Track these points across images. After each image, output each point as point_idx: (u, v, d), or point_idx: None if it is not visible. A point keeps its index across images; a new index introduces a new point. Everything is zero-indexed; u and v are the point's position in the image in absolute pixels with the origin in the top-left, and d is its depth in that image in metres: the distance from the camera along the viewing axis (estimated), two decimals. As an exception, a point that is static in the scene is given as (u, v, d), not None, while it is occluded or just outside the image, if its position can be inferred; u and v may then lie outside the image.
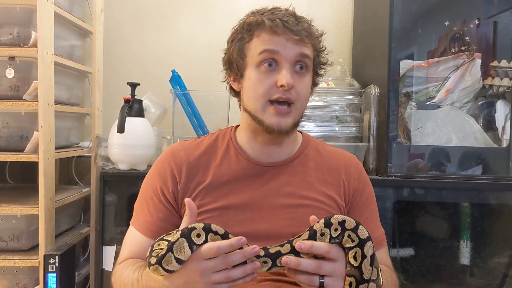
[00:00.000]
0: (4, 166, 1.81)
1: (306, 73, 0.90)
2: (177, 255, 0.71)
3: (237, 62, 0.91)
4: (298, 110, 0.90)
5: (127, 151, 1.46)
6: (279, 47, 0.85)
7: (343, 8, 1.91)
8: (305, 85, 0.90)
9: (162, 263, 0.71)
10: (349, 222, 0.74)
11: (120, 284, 0.86)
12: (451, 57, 1.63)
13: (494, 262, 1.61)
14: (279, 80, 0.85)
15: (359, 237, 0.73)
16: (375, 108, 1.49)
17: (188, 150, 0.96)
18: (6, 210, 1.38)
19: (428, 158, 1.51)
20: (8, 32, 1.42)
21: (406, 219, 1.62)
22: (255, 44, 0.88)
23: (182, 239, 0.71)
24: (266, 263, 0.74)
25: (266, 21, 0.86)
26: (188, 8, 1.91)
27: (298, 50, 0.86)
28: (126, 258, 0.91)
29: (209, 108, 1.60)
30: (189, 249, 0.71)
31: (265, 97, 0.87)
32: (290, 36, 0.85)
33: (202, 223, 0.73)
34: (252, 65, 0.88)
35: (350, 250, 0.74)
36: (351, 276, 0.73)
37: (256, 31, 0.88)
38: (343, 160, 1.00)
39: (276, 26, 0.85)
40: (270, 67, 0.86)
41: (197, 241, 0.71)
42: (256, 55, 0.87)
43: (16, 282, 1.43)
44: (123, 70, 1.90)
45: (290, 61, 0.86)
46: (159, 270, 0.72)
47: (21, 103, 1.41)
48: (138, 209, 0.95)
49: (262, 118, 0.88)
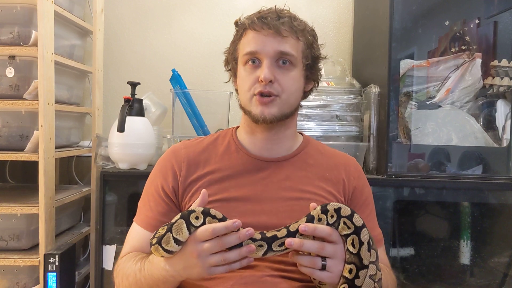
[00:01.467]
0: (4, 165, 1.81)
1: (291, 67, 0.93)
2: (176, 236, 0.74)
3: (232, 63, 0.99)
4: (285, 101, 0.93)
5: (127, 151, 1.46)
6: (258, 46, 0.91)
7: (343, 7, 1.91)
8: (290, 78, 0.93)
9: (161, 243, 0.75)
10: (344, 210, 0.77)
11: (122, 276, 0.87)
12: (452, 57, 1.63)
13: (494, 262, 1.61)
14: (259, 75, 0.90)
15: (354, 224, 0.76)
16: (375, 108, 1.49)
17: (189, 148, 0.99)
18: (6, 210, 1.38)
19: (429, 157, 1.51)
20: (9, 31, 1.42)
21: (406, 218, 1.61)
22: (242, 45, 0.95)
23: (181, 220, 0.74)
24: (261, 247, 0.75)
25: (246, 21, 0.93)
26: (189, 8, 1.91)
27: (277, 47, 0.90)
28: (128, 252, 0.93)
29: (209, 107, 1.60)
30: (187, 230, 0.74)
31: (250, 92, 0.92)
32: (268, 32, 0.90)
33: (202, 207, 0.76)
34: (240, 64, 0.95)
35: (348, 237, 0.76)
36: (351, 263, 0.75)
37: (243, 32, 0.95)
38: (343, 160, 1.03)
39: (254, 23, 0.91)
40: (253, 64, 0.92)
41: (195, 223, 0.74)
42: (242, 56, 0.94)
43: (16, 282, 1.43)
44: (123, 69, 1.90)
45: (269, 56, 0.91)
46: (159, 250, 0.75)
47: (22, 103, 1.41)
48: (141, 207, 0.97)
49: (249, 109, 0.93)
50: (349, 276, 0.75)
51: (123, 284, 0.87)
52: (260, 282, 0.83)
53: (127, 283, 0.86)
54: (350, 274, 0.75)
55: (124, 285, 0.87)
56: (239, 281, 0.83)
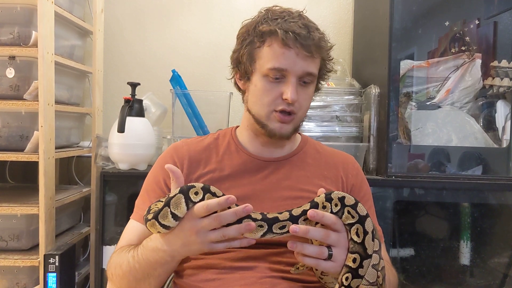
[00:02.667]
0: (4, 165, 1.81)
1: (310, 84, 0.93)
2: (173, 210, 0.73)
3: (246, 66, 0.93)
4: (299, 118, 0.94)
5: (127, 151, 1.46)
6: (289, 64, 0.87)
7: (343, 8, 1.91)
8: (307, 96, 0.93)
9: (158, 217, 0.73)
10: (348, 199, 0.76)
11: (116, 266, 0.86)
12: (451, 57, 1.63)
13: (494, 262, 1.61)
14: (284, 93, 0.88)
15: (358, 213, 0.76)
16: (375, 108, 1.49)
17: (190, 146, 0.99)
18: (6, 210, 1.38)
19: (428, 158, 1.51)
20: (9, 31, 1.42)
21: (406, 219, 1.61)
22: (266, 53, 0.89)
23: (180, 195, 0.73)
24: (261, 227, 0.74)
25: (279, 32, 0.86)
26: (189, 8, 1.91)
27: (306, 67, 0.88)
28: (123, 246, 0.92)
29: (209, 108, 1.60)
30: (185, 205, 0.73)
31: (270, 107, 0.90)
32: (300, 50, 0.87)
33: (202, 183, 0.75)
34: (259, 73, 0.90)
35: (352, 226, 0.76)
36: (355, 253, 0.75)
37: (268, 39, 0.89)
38: (341, 158, 1.04)
39: (288, 38, 0.86)
40: (277, 80, 0.89)
41: (194, 198, 0.73)
42: (266, 68, 0.88)
43: (16, 282, 1.43)
44: (123, 70, 1.90)
45: (296, 76, 0.89)
46: (155, 225, 0.74)
47: (22, 103, 1.41)
48: (139, 204, 0.96)
49: (266, 123, 0.92)
50: (353, 265, 0.74)
51: (116, 274, 0.85)
52: (260, 283, 0.83)
53: (120, 272, 0.84)
54: (354, 264, 0.74)
55: (118, 274, 0.85)
56: (239, 282, 0.83)
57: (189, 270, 0.88)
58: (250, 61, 0.92)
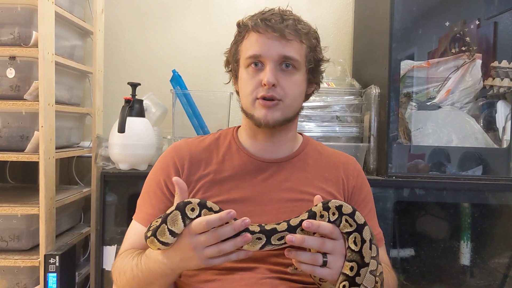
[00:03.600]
0: (4, 166, 1.81)
1: (294, 71, 0.92)
2: (171, 227, 0.73)
3: (233, 64, 0.98)
4: (288, 106, 0.93)
5: (127, 151, 1.46)
6: (262, 49, 0.89)
7: (343, 8, 1.91)
8: (292, 83, 0.92)
9: (156, 234, 0.73)
10: (345, 208, 0.76)
11: (120, 272, 0.87)
12: (452, 58, 1.63)
13: (494, 263, 1.61)
14: (262, 79, 0.89)
15: (356, 222, 0.76)
16: (375, 109, 1.49)
17: (190, 146, 0.99)
18: (6, 210, 1.38)
19: (429, 158, 1.52)
20: (9, 32, 1.42)
21: (406, 219, 1.61)
22: (244, 46, 0.93)
23: (176, 211, 0.73)
24: (260, 239, 0.75)
25: (249, 22, 0.92)
26: (189, 8, 1.91)
27: (281, 51, 0.89)
28: (127, 249, 0.93)
29: (209, 108, 1.60)
30: (182, 222, 0.73)
31: (252, 95, 0.91)
32: (271, 34, 0.89)
33: (198, 199, 0.75)
34: (242, 66, 0.94)
35: (350, 235, 0.76)
36: (352, 261, 0.75)
37: (245, 33, 0.93)
38: (342, 159, 1.03)
39: (258, 25, 0.90)
40: (256, 67, 0.91)
41: (191, 215, 0.73)
42: (245, 59, 0.92)
43: (17, 282, 1.43)
44: (123, 70, 1.90)
45: (273, 60, 0.90)
46: (155, 242, 0.74)
47: (22, 103, 1.41)
48: (141, 204, 0.97)
49: (252, 113, 0.92)
50: (350, 273, 0.75)
51: (121, 280, 0.87)
52: (260, 284, 0.83)
53: (124, 278, 0.85)
54: (351, 272, 0.75)
55: (122, 281, 0.86)
56: (239, 283, 0.83)
57: (189, 271, 0.88)
58: (235, 59, 0.96)
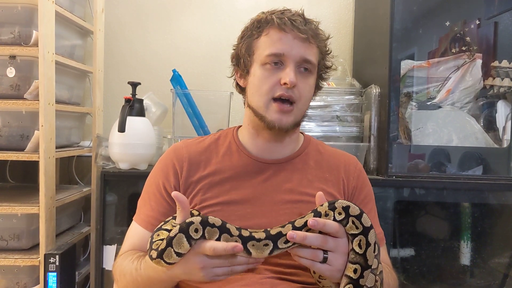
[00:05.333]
0: (4, 165, 1.81)
1: (310, 75, 0.92)
2: (177, 250, 0.73)
3: (245, 59, 0.94)
4: (300, 109, 0.92)
5: (127, 151, 1.46)
6: (286, 48, 0.88)
7: (343, 8, 1.91)
8: (308, 86, 0.92)
9: (163, 257, 0.74)
10: (353, 209, 0.76)
11: (120, 274, 0.88)
12: (452, 58, 1.63)
13: (494, 263, 1.61)
14: (282, 77, 0.88)
15: (363, 224, 0.75)
16: (375, 108, 1.49)
17: (190, 147, 0.98)
18: (6, 209, 1.38)
19: (429, 158, 1.51)
20: (9, 31, 1.42)
21: (406, 219, 1.61)
22: (263, 42, 0.90)
23: (180, 234, 0.73)
24: (267, 246, 0.75)
25: (275, 19, 0.89)
26: (189, 8, 1.91)
27: (303, 53, 0.88)
28: (127, 250, 0.93)
29: (209, 107, 1.60)
30: (187, 243, 0.73)
31: (269, 95, 0.89)
32: (296, 34, 0.88)
33: (200, 217, 0.75)
34: (258, 62, 0.91)
35: (355, 237, 0.75)
36: (356, 263, 0.75)
37: (265, 28, 0.90)
38: (343, 159, 1.02)
39: (284, 23, 0.88)
40: (275, 66, 0.89)
41: (195, 236, 0.73)
42: (264, 56, 0.89)
43: (17, 281, 1.43)
44: (123, 69, 1.90)
45: (294, 60, 0.88)
46: (161, 263, 0.75)
47: (22, 102, 1.41)
48: (141, 205, 0.97)
49: (264, 114, 0.90)
50: (354, 276, 0.74)
51: (121, 281, 0.88)
52: (260, 284, 0.83)
53: (124, 281, 0.86)
54: (355, 274, 0.74)
55: (122, 282, 0.87)
56: (239, 283, 0.83)
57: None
58: (248, 53, 0.93)
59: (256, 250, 0.74)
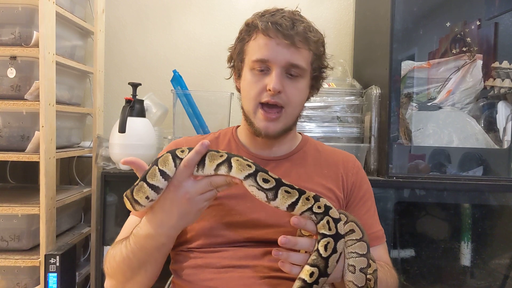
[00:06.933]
0: (5, 166, 1.81)
1: (300, 78, 0.92)
2: (162, 167, 0.71)
3: (236, 62, 0.96)
4: (290, 114, 0.92)
5: (128, 151, 1.46)
6: (270, 54, 0.88)
7: (344, 8, 1.91)
8: (297, 90, 0.92)
9: (146, 177, 0.72)
10: (333, 212, 0.74)
11: (110, 259, 0.85)
12: (452, 58, 1.63)
13: (495, 264, 1.61)
14: (268, 84, 0.88)
15: (337, 229, 0.72)
16: (376, 109, 1.49)
17: (190, 143, 0.99)
18: (7, 210, 1.38)
19: (429, 159, 1.51)
20: (10, 31, 1.42)
21: (407, 220, 1.61)
22: (251, 47, 0.92)
23: (167, 153, 0.73)
24: (250, 167, 0.73)
25: (259, 24, 0.89)
26: (190, 8, 1.91)
27: (289, 58, 0.88)
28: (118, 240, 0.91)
29: (210, 108, 1.60)
30: (173, 162, 0.72)
31: (256, 100, 0.90)
32: (281, 40, 0.87)
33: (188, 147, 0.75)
34: (247, 67, 0.93)
35: (324, 237, 0.72)
36: (314, 266, 0.71)
37: (253, 33, 0.91)
38: (341, 156, 1.03)
39: (268, 29, 0.88)
40: (261, 72, 0.90)
41: (181, 155, 0.73)
42: (251, 61, 0.91)
43: (17, 282, 1.43)
44: (124, 70, 1.90)
45: (280, 66, 0.88)
46: (143, 188, 0.72)
47: (23, 103, 1.41)
48: None
49: (253, 120, 0.92)
50: (308, 280, 0.70)
51: (111, 266, 0.84)
52: (259, 283, 0.83)
53: (114, 263, 0.83)
54: (311, 278, 0.70)
55: (112, 267, 0.83)
56: (238, 282, 0.83)
57: (188, 269, 0.88)
58: (240, 57, 0.94)
59: (237, 165, 0.72)
